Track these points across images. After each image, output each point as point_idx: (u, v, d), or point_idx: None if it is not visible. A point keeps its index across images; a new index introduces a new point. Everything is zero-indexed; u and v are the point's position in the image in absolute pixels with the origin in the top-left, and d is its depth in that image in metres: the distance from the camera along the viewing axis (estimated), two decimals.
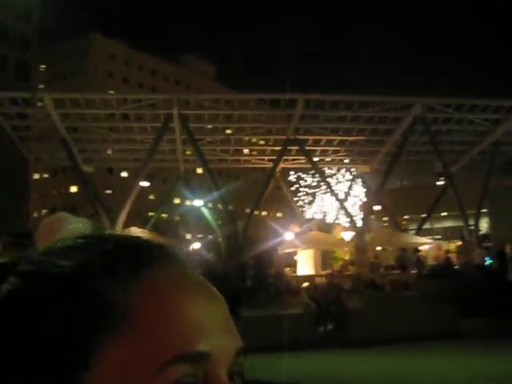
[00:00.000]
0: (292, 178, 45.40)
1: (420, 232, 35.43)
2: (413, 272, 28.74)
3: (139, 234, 0.64)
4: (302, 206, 45.39)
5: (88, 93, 39.26)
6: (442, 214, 41.90)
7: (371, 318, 17.19)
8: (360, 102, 29.78)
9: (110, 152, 34.68)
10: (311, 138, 33.16)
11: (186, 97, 30.31)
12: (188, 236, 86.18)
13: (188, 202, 49.66)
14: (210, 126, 32.54)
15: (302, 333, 16.07)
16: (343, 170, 42.73)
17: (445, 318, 17.96)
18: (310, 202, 46.74)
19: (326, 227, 44.66)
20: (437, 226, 42.18)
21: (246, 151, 35.71)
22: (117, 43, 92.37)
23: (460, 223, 41.79)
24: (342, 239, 37.42)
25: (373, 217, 37.12)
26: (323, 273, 29.05)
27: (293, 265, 35.04)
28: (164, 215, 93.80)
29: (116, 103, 29.53)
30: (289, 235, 33.94)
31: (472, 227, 32.52)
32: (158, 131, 30.02)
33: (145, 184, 30.71)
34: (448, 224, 41.57)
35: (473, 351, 15.86)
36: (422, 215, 41.58)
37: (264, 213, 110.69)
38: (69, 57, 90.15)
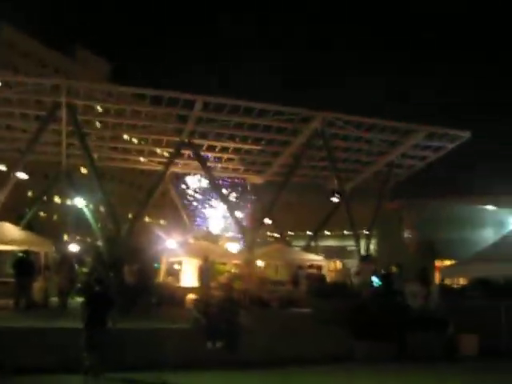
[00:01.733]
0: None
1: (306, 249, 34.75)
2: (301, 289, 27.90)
3: None
4: (189, 213, 43.69)
5: None
6: (326, 232, 41.46)
7: (261, 337, 15.88)
8: (259, 110, 28.57)
9: None
10: (206, 142, 31.66)
11: (76, 85, 27.85)
12: (66, 237, 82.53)
13: (69, 202, 46.76)
14: (99, 121, 30.27)
15: (188, 349, 14.52)
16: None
17: (338, 340, 16.97)
18: (197, 210, 45.69)
19: (211, 237, 43.38)
20: (320, 244, 41.83)
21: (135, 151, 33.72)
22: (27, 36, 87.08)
23: (341, 243, 42.06)
24: (229, 251, 36.29)
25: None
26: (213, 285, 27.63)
27: (176, 275, 33.36)
28: (42, 214, 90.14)
29: None
30: (172, 243, 32.20)
31: (356, 247, 32.02)
32: (42, 119, 27.49)
33: (22, 176, 28.00)
34: (329, 243, 41.30)
35: (366, 375, 14.99)
36: (307, 232, 41.44)
37: (147, 219, 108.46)
38: None
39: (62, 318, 18.45)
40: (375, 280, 24.81)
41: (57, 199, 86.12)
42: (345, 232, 41.39)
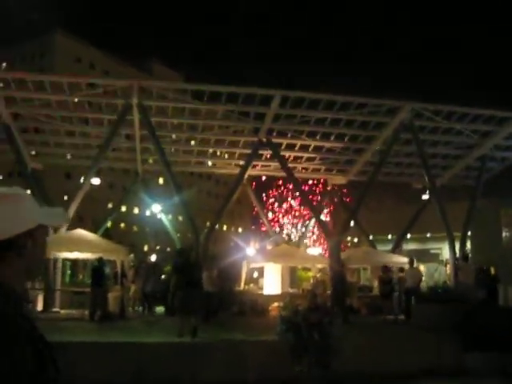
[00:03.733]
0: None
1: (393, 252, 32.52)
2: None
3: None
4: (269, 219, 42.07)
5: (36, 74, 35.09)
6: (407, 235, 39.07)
7: (353, 349, 13.96)
8: (341, 103, 26.69)
9: (60, 147, 30.78)
10: (285, 141, 29.95)
11: (148, 83, 26.70)
12: (146, 247, 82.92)
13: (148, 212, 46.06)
14: (173, 122, 28.97)
15: (274, 365, 12.78)
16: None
17: (444, 351, 14.87)
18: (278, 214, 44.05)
19: (292, 243, 41.67)
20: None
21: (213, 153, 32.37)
22: (82, 45, 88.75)
23: (423, 246, 39.50)
24: (313, 255, 34.51)
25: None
26: (298, 291, 26.08)
27: (256, 282, 31.91)
28: (123, 225, 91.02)
29: (69, 89, 25.81)
30: (252, 250, 30.70)
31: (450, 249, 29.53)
32: (113, 123, 26.47)
33: (96, 181, 27.01)
34: (411, 246, 38.84)
35: None
36: (388, 236, 39.17)
37: (225, 227, 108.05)
38: (28, 57, 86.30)
39: (139, 330, 17.18)
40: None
41: (136, 210, 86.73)
42: (428, 235, 39.23)
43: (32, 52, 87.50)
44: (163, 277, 27.09)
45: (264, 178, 39.81)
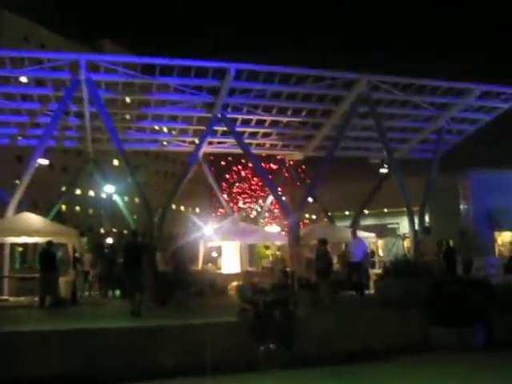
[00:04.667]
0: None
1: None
2: None
3: None
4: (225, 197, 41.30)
5: None
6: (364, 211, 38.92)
7: (316, 327, 13.38)
8: (298, 77, 26.03)
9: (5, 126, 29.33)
10: (241, 117, 29.14)
11: (96, 57, 25.40)
12: (102, 230, 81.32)
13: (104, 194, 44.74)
14: (123, 98, 27.89)
15: (234, 348, 12.11)
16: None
17: (412, 327, 14.42)
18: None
19: (250, 220, 41.12)
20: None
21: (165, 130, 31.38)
22: (31, 24, 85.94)
23: (381, 221, 39.37)
24: (271, 232, 33.97)
25: None
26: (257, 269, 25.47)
27: (215, 261, 31.22)
28: (78, 208, 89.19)
29: (11, 65, 24.44)
30: (209, 230, 29.98)
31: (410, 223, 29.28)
32: (60, 99, 25.27)
33: (43, 161, 25.84)
34: (368, 222, 38.73)
35: (446, 368, 12.47)
36: (346, 212, 38.91)
37: (182, 208, 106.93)
38: None
39: (91, 315, 16.33)
40: None
41: (91, 193, 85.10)
42: (385, 210, 39.12)
43: None
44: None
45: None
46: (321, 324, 13.58)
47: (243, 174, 54.70)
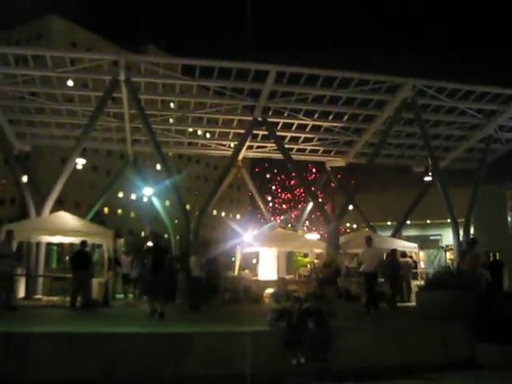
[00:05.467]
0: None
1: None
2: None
3: None
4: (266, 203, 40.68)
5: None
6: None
7: (354, 340, 12.66)
8: (341, 79, 25.34)
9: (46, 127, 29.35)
10: (281, 120, 28.57)
11: (136, 58, 25.14)
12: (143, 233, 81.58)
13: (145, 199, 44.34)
14: (163, 100, 27.57)
15: (266, 359, 11.49)
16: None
17: (456, 342, 13.58)
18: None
19: (290, 227, 40.42)
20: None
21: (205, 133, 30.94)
22: (77, 28, 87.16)
23: (423, 232, 38.18)
24: (310, 240, 33.22)
25: None
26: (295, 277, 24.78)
27: (253, 268, 30.63)
28: (120, 211, 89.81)
29: (52, 66, 24.38)
30: (248, 236, 29.46)
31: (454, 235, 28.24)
32: (98, 101, 25.07)
33: (81, 161, 25.74)
34: (411, 233, 37.63)
35: None
36: (388, 222, 37.91)
37: (223, 214, 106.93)
38: (23, 41, 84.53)
39: (124, 318, 15.90)
40: None
41: (133, 197, 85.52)
42: (427, 221, 38.06)
43: (28, 36, 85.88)
44: None
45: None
46: (358, 337, 12.84)
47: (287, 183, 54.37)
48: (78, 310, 17.80)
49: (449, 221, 29.21)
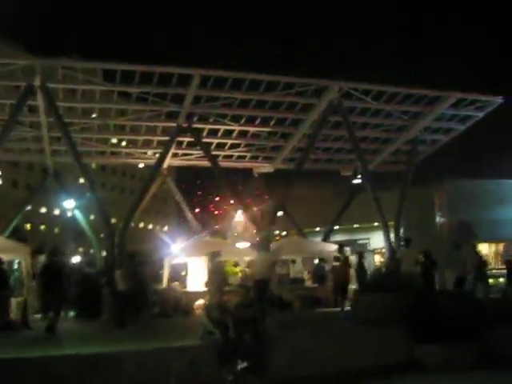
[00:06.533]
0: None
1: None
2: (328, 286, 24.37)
3: None
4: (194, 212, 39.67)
5: None
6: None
7: (290, 348, 12.03)
8: (267, 83, 24.80)
9: None
10: (207, 127, 27.80)
11: (53, 62, 23.71)
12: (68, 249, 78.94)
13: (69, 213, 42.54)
14: (83, 108, 26.33)
15: (199, 375, 10.67)
16: None
17: (396, 345, 13.14)
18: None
19: (219, 235, 39.60)
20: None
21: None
22: None
23: (351, 237, 38.20)
24: (240, 248, 32.52)
25: None
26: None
27: (182, 280, 29.62)
28: (43, 227, 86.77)
29: None
30: (176, 247, 28.57)
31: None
32: (12, 109, 23.64)
33: None
34: (339, 238, 37.61)
35: None
36: (316, 228, 37.77)
37: (150, 226, 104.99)
38: None
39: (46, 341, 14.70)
40: None
41: (57, 212, 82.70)
42: (355, 225, 38.12)
43: None
44: None
45: None
46: (293, 345, 12.20)
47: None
48: None
49: (376, 224, 29.15)
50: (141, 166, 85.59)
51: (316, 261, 27.59)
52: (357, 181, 30.57)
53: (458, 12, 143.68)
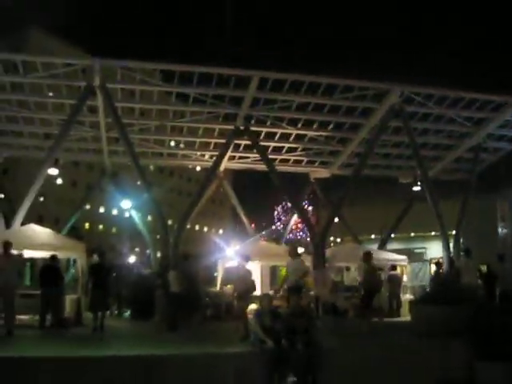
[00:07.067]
0: None
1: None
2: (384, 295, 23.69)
3: None
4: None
5: None
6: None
7: (344, 359, 11.56)
8: (326, 85, 24.37)
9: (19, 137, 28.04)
10: (264, 129, 27.52)
11: (112, 62, 23.81)
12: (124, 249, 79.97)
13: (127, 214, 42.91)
14: (141, 108, 26.39)
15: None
16: None
17: (455, 361, 12.49)
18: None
19: (274, 239, 39.31)
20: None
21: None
22: (58, 41, 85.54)
23: (407, 245, 37.22)
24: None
25: None
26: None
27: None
28: (101, 227, 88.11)
29: (24, 72, 23.11)
30: (230, 250, 28.32)
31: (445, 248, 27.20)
32: (72, 108, 23.87)
33: (53, 171, 24.60)
34: (395, 246, 36.74)
35: None
36: (372, 236, 37.02)
37: (205, 228, 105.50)
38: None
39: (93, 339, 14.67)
40: None
41: (115, 212, 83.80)
42: (411, 234, 37.22)
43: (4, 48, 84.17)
44: None
45: None
46: (348, 357, 11.72)
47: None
48: (48, 330, 16.53)
49: (433, 234, 28.34)
50: (198, 168, 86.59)
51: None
52: (416, 188, 29.70)
53: None
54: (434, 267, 32.47)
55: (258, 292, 24.18)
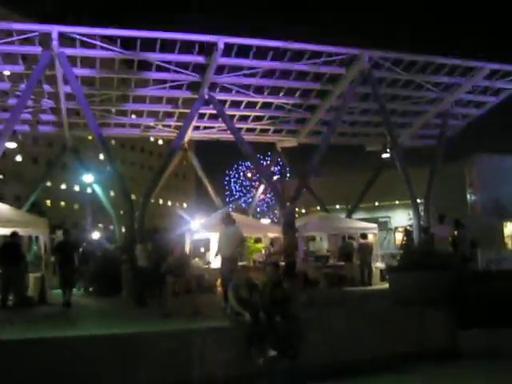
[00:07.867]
0: None
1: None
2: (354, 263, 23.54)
3: None
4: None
5: None
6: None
7: (322, 332, 11.12)
8: (294, 51, 23.68)
9: None
10: (229, 98, 26.76)
11: (71, 29, 22.56)
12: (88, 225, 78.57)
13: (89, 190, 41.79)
14: (101, 77, 25.27)
15: (229, 359, 9.82)
16: None
17: (436, 330, 12.19)
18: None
19: (241, 211, 38.73)
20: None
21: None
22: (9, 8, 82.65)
23: (372, 215, 37.08)
24: (264, 224, 31.72)
25: None
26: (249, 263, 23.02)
27: (203, 257, 28.83)
28: (63, 204, 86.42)
29: None
30: (196, 223, 27.71)
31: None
32: (29, 77, 22.75)
33: (11, 145, 23.55)
34: (359, 216, 36.63)
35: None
36: (337, 206, 36.76)
37: (169, 202, 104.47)
38: None
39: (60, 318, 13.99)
40: None
41: (77, 188, 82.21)
42: (376, 203, 37.11)
43: None
44: None
45: None
46: (323, 328, 11.29)
47: None
48: (10, 309, 15.76)
49: (397, 202, 28.05)
50: (160, 142, 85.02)
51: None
52: (386, 155, 29.35)
53: None
54: (398, 236, 32.59)
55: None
